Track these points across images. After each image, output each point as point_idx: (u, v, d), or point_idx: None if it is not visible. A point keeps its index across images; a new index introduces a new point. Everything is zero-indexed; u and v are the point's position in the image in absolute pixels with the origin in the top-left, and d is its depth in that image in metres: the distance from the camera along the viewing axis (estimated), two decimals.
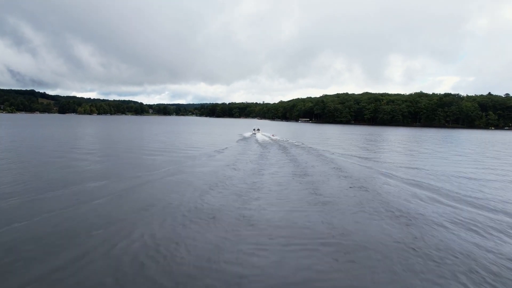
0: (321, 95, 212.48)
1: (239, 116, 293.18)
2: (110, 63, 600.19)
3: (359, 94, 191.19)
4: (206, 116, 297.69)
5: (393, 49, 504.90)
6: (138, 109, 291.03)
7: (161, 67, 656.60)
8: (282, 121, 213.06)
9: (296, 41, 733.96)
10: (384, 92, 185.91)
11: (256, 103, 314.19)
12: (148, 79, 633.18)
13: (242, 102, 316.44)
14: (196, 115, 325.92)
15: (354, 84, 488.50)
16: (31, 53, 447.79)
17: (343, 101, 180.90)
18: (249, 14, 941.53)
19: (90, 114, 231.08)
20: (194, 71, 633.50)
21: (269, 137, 40.74)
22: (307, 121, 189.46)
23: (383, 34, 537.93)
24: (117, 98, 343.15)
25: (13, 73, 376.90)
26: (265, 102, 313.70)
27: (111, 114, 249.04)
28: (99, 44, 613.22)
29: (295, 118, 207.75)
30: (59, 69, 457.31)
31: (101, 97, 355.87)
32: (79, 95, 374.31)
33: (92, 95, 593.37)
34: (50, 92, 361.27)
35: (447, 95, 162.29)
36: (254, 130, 49.28)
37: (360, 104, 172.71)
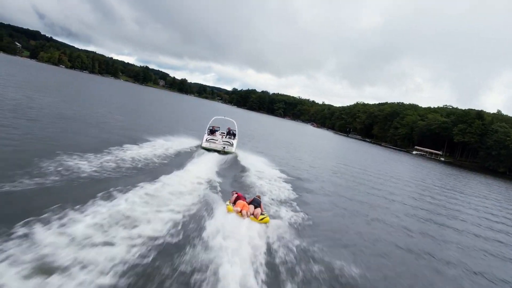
0: (470, 108, 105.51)
1: (283, 115, 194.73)
2: (144, 21, 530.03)
3: None
4: (234, 105, 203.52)
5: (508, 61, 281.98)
6: (139, 75, 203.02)
7: (202, 35, 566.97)
8: (363, 140, 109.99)
9: (377, 34, 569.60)
10: None
11: (313, 101, 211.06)
12: (189, 52, 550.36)
13: (291, 96, 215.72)
14: (225, 102, 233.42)
15: (434, 105, 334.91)
16: None
17: None
18: None
19: (56, 65, 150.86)
20: (240, 49, 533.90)
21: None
22: (438, 156, 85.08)
23: (501, 37, 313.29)
24: (156, 68, 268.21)
25: (45, 18, 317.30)
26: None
27: (91, 72, 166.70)
28: None
29: (395, 142, 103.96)
30: (86, 18, 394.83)
31: (140, 64, 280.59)
32: (115, 57, 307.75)
33: (130, 60, 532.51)
34: (81, 46, 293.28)
35: None
36: (214, 133, 16.41)
37: None
